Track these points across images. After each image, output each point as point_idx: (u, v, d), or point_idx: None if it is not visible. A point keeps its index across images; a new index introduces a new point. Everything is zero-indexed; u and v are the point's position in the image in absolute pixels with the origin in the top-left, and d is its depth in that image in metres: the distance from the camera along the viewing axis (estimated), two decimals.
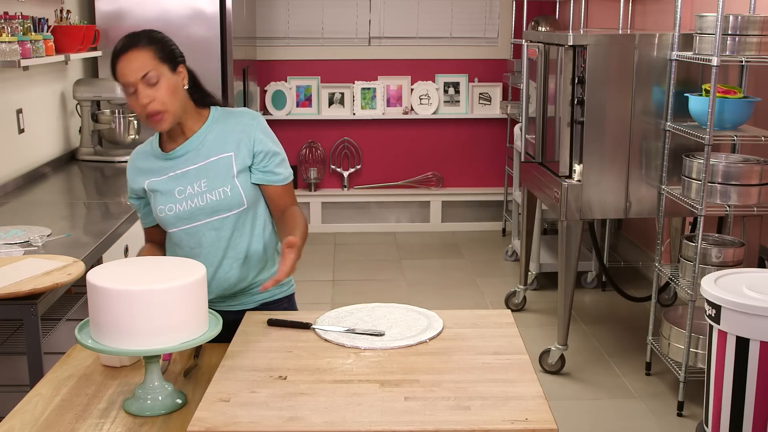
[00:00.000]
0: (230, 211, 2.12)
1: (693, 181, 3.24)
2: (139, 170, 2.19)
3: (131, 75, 1.98)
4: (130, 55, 1.99)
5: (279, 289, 2.28)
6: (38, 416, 1.66)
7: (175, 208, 2.12)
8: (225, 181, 2.10)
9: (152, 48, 2.02)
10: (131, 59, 1.99)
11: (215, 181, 2.10)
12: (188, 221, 2.12)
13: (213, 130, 2.14)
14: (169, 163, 2.14)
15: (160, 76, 2.01)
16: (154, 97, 2.00)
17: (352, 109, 6.06)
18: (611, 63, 3.43)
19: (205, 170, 2.11)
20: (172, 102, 2.03)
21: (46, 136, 3.98)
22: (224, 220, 2.13)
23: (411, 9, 6.03)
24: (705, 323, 2.74)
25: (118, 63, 2.01)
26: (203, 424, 1.51)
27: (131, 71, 1.99)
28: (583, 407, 3.42)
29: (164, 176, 2.14)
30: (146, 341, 1.60)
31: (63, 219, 3.08)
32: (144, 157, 2.20)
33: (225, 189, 2.10)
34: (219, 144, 2.12)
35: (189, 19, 4.49)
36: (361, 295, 4.69)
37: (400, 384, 1.67)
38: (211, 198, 2.10)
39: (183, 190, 2.11)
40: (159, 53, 2.02)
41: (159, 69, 2.01)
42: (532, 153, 4.04)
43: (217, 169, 2.10)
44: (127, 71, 1.99)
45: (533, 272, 4.76)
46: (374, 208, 6.19)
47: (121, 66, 2.00)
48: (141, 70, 1.98)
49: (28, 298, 2.12)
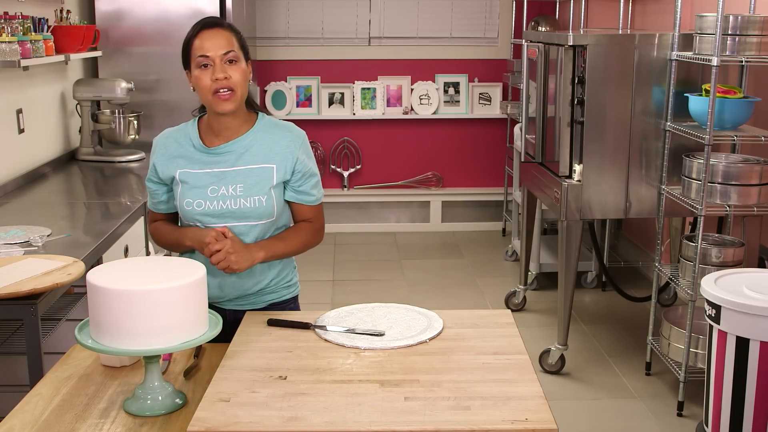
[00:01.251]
0: (259, 220, 2.13)
1: (693, 181, 3.24)
2: (172, 156, 2.16)
3: (214, 49, 2.03)
4: (217, 31, 2.05)
5: (287, 290, 2.29)
6: (38, 416, 1.66)
7: (204, 205, 2.11)
8: (262, 190, 2.11)
9: (236, 34, 2.10)
10: (218, 35, 2.05)
11: (253, 188, 2.10)
12: (215, 220, 2.12)
13: (259, 137, 2.14)
14: (208, 157, 2.13)
15: (239, 59, 2.07)
16: (229, 75, 2.03)
17: (352, 109, 6.06)
18: (611, 63, 3.43)
19: (243, 175, 2.11)
20: (243, 87, 2.08)
21: (46, 136, 3.98)
22: (251, 228, 2.13)
23: (411, 9, 6.03)
24: (705, 323, 2.74)
25: (201, 34, 2.05)
26: (203, 424, 1.51)
27: (216, 45, 2.03)
28: (583, 407, 3.42)
29: (200, 170, 2.12)
30: (146, 341, 1.60)
31: (63, 219, 3.08)
32: (179, 144, 2.17)
33: (260, 198, 2.11)
34: (263, 153, 2.12)
35: (189, 19, 4.45)
36: (361, 295, 4.69)
37: (400, 384, 1.67)
38: (245, 204, 2.10)
39: (217, 189, 2.10)
40: (240, 41, 2.09)
41: (239, 53, 2.07)
42: (532, 153, 4.04)
43: (257, 177, 2.11)
44: (210, 45, 2.03)
45: (533, 272, 4.76)
46: (374, 208, 6.19)
47: (205, 37, 2.04)
48: (225, 47, 2.04)
49: (28, 298, 2.11)
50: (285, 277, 2.28)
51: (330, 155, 6.14)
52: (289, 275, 2.31)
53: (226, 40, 2.05)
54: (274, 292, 2.26)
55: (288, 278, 2.30)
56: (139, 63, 4.51)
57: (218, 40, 2.04)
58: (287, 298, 2.30)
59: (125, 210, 3.12)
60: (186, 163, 2.14)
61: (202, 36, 2.04)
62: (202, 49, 2.03)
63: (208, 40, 2.04)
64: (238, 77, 2.05)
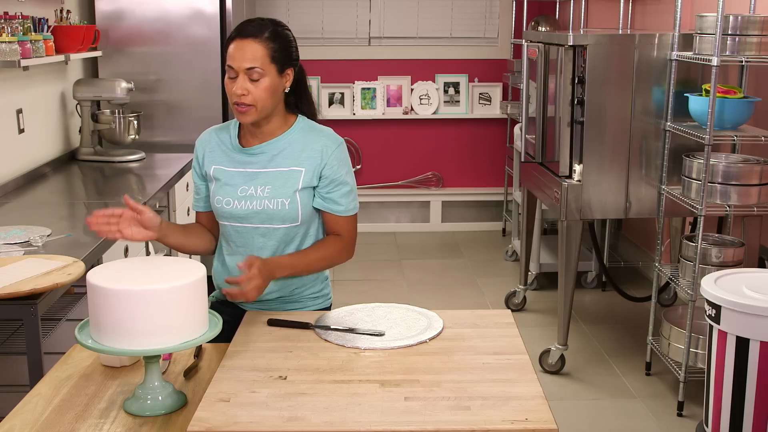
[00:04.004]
0: (283, 224, 2.12)
1: (693, 181, 3.24)
2: (211, 151, 2.18)
3: (239, 62, 2.01)
4: (246, 43, 2.01)
5: (313, 302, 2.27)
6: (38, 416, 1.66)
7: (232, 203, 2.12)
8: (286, 193, 2.10)
9: (271, 46, 2.03)
10: (245, 48, 2.01)
11: (278, 190, 2.10)
12: (241, 220, 2.13)
13: (293, 140, 2.13)
14: (242, 157, 2.14)
15: (265, 74, 2.02)
16: (249, 91, 2.02)
17: (352, 109, 6.06)
18: (611, 63, 3.43)
19: (272, 177, 2.10)
20: (265, 102, 2.04)
21: (46, 136, 3.98)
22: (275, 231, 2.13)
23: (411, 9, 6.03)
24: (705, 323, 2.74)
25: (233, 43, 2.03)
26: (203, 424, 1.51)
27: (241, 59, 2.01)
28: (583, 407, 3.42)
29: (232, 168, 2.13)
30: (146, 341, 1.60)
31: (63, 219, 3.07)
32: (220, 141, 2.19)
33: (284, 201, 2.09)
34: (295, 156, 2.11)
35: (189, 19, 4.49)
36: (361, 295, 4.69)
37: (400, 384, 1.67)
38: (269, 206, 2.10)
39: (246, 189, 2.11)
40: (274, 53, 2.04)
41: (267, 68, 2.02)
42: (532, 153, 4.04)
43: (284, 179, 2.10)
44: (237, 56, 2.01)
45: (533, 272, 4.76)
46: (374, 208, 6.19)
47: (234, 49, 2.02)
48: (249, 63, 2.00)
49: (28, 298, 2.11)
50: (311, 288, 2.26)
51: None
52: (318, 286, 2.28)
53: (254, 54, 2.01)
54: (298, 302, 2.24)
55: (317, 288, 2.28)
56: (139, 63, 4.51)
57: (245, 53, 2.01)
58: (313, 309, 2.26)
59: None
60: (222, 159, 2.16)
61: (234, 44, 2.03)
62: (230, 58, 2.03)
63: (237, 50, 2.02)
64: (259, 93, 2.02)
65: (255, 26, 2.04)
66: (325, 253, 2.15)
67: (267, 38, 2.03)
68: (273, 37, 2.04)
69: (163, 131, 4.57)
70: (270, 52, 2.03)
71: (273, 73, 2.04)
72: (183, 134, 4.53)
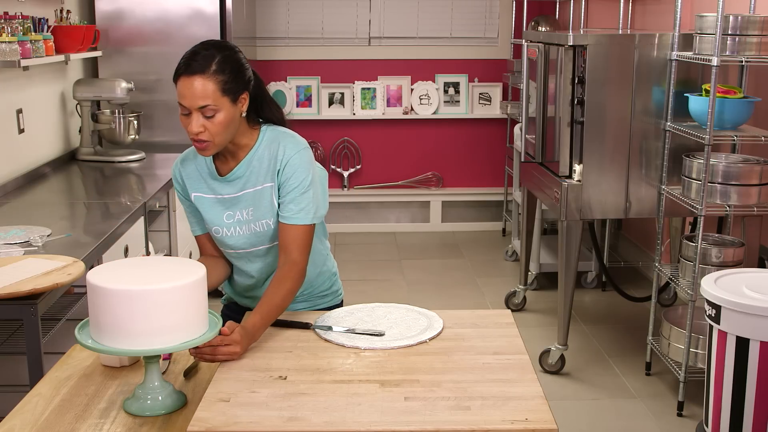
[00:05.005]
0: (272, 243, 2.09)
1: (693, 181, 3.24)
2: (188, 178, 2.11)
3: (190, 101, 1.89)
4: (194, 80, 1.88)
5: (322, 299, 2.27)
6: (38, 416, 1.66)
7: (222, 232, 2.09)
8: (268, 213, 2.05)
9: (220, 79, 1.90)
10: (194, 85, 1.88)
11: (259, 211, 2.05)
12: (234, 248, 2.10)
13: (260, 155, 2.04)
14: (218, 184, 2.08)
15: (219, 109, 1.91)
16: (206, 128, 1.91)
17: (352, 109, 6.06)
18: (611, 63, 3.43)
19: (252, 198, 2.05)
20: (222, 135, 1.94)
21: (46, 136, 3.98)
22: (269, 249, 2.11)
23: (411, 9, 6.03)
24: (705, 323, 2.74)
25: (180, 80, 1.90)
26: (203, 424, 1.51)
27: (191, 97, 1.89)
28: (583, 407, 3.42)
29: (212, 195, 2.08)
30: (146, 341, 1.60)
31: (63, 219, 3.08)
32: (193, 167, 2.11)
33: (268, 221, 2.06)
34: (262, 172, 2.04)
35: (189, 19, 4.49)
36: (361, 295, 4.69)
37: (400, 384, 1.67)
38: (255, 228, 2.07)
39: (232, 215, 2.07)
40: (225, 85, 1.91)
41: (220, 102, 1.90)
42: (532, 153, 4.04)
43: (261, 199, 2.05)
44: (187, 95, 1.89)
45: (533, 272, 4.76)
46: (374, 208, 6.19)
47: (183, 86, 1.90)
48: (201, 101, 1.89)
49: (28, 298, 2.12)
50: (319, 286, 2.25)
51: (330, 155, 6.14)
52: (326, 283, 2.27)
53: (204, 92, 1.88)
54: (306, 301, 2.23)
55: (325, 286, 2.27)
56: (139, 63, 4.52)
57: (195, 92, 1.88)
58: (323, 307, 2.25)
59: (125, 210, 3.12)
60: (200, 187, 2.10)
61: (181, 82, 1.90)
62: (180, 96, 1.91)
63: (185, 88, 1.89)
64: (215, 129, 1.91)
65: (201, 61, 1.89)
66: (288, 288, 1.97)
67: (215, 72, 1.89)
68: (221, 69, 1.90)
69: (163, 131, 4.57)
70: (221, 86, 1.90)
71: (227, 106, 1.92)
72: (183, 134, 4.46)
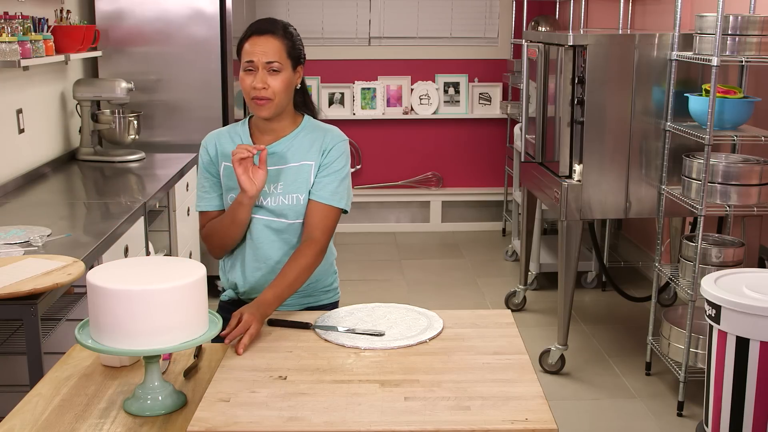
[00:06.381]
0: (296, 219, 2.15)
1: (693, 181, 3.24)
2: (222, 154, 2.19)
3: (260, 56, 2.06)
4: (266, 39, 2.07)
5: (325, 295, 2.31)
6: (38, 416, 1.66)
7: None
8: (300, 188, 2.14)
9: (286, 42, 2.09)
10: (266, 43, 2.07)
11: (292, 185, 2.13)
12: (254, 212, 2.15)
13: (302, 137, 2.17)
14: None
15: (283, 68, 2.08)
16: (269, 84, 2.06)
17: (352, 109, 6.06)
18: (611, 63, 3.43)
19: (285, 174, 2.14)
20: (282, 96, 2.09)
21: (46, 136, 3.98)
22: (288, 225, 2.15)
23: (411, 9, 6.03)
24: (705, 323, 2.74)
25: (250, 39, 2.08)
26: (203, 424, 1.51)
27: (262, 53, 2.06)
28: (583, 407, 3.42)
29: None
30: (146, 341, 1.60)
31: (63, 219, 3.07)
32: (232, 141, 2.19)
33: (299, 196, 2.14)
34: (303, 151, 2.16)
35: (189, 19, 4.49)
36: (361, 295, 4.69)
37: (400, 384, 1.67)
38: (284, 201, 2.13)
39: None
40: (290, 49, 2.10)
41: (284, 62, 2.08)
42: (532, 153, 4.04)
43: (297, 174, 2.14)
44: (257, 51, 2.06)
45: (533, 272, 4.76)
46: (374, 208, 6.19)
47: (253, 44, 2.07)
48: (270, 57, 2.06)
49: (28, 298, 2.12)
50: (323, 281, 2.29)
51: None
52: (329, 279, 2.32)
53: (273, 49, 2.06)
54: (311, 296, 2.27)
55: (327, 282, 2.31)
56: (139, 63, 4.51)
57: (266, 48, 2.06)
58: (325, 303, 2.30)
59: (125, 210, 3.12)
60: None
61: (251, 41, 2.07)
62: (249, 54, 2.07)
63: (256, 45, 2.06)
64: (277, 86, 2.07)
65: (270, 24, 2.10)
66: (305, 264, 2.08)
67: (282, 35, 2.09)
68: (288, 35, 2.11)
69: (163, 131, 4.57)
70: (286, 48, 2.09)
71: (289, 69, 2.10)
72: (183, 134, 4.53)
